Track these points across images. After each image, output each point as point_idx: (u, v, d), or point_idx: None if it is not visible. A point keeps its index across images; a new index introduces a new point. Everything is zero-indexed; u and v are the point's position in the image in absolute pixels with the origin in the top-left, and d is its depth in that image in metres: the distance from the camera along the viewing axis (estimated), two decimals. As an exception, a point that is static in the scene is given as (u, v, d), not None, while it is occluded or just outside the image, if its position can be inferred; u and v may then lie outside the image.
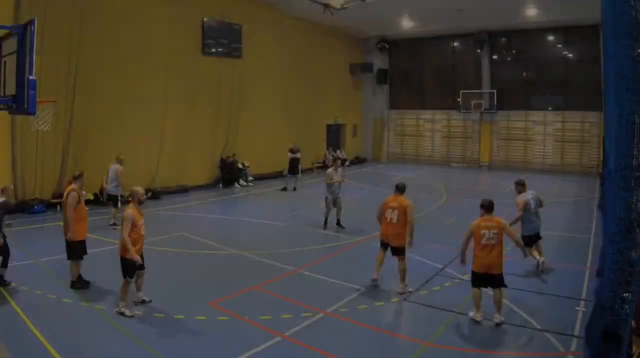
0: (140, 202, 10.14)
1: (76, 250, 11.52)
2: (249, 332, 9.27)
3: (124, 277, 9.88)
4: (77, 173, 12.32)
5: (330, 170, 18.17)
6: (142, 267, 10.15)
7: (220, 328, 9.46)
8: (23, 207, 19.39)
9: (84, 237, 11.67)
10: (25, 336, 8.77)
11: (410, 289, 11.45)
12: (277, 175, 30.32)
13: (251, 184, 28.19)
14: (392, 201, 11.79)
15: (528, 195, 13.59)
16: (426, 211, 20.58)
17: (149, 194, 22.05)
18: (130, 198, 10.34)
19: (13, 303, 10.24)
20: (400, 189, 11.97)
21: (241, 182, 27.80)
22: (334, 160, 19.03)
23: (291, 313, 10.08)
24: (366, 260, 13.81)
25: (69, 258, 11.53)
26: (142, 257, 10.09)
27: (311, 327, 9.54)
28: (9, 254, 11.58)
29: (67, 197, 11.57)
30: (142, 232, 10.13)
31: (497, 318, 9.75)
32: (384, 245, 11.95)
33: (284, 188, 26.49)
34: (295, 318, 9.81)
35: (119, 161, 18.02)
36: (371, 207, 20.78)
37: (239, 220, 19.67)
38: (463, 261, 10.23)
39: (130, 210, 9.90)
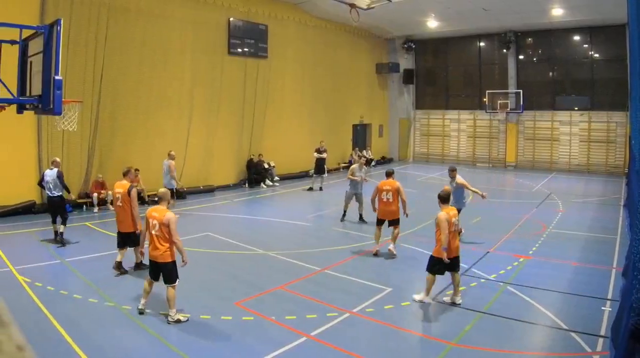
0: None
1: (136, 238, 12.23)
2: (274, 332, 9.29)
3: (174, 282, 9.63)
4: (125, 169, 13.11)
5: (355, 166, 18.82)
6: None
7: (245, 328, 9.46)
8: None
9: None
10: (51, 336, 8.82)
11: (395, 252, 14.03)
12: (303, 175, 30.43)
13: (277, 184, 28.10)
14: (386, 184, 14.39)
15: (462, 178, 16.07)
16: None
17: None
18: (160, 200, 9.96)
19: (39, 303, 10.30)
20: (390, 174, 14.77)
21: (267, 182, 27.74)
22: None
23: (317, 313, 10.08)
24: (392, 261, 13.92)
25: (133, 245, 12.50)
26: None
27: (337, 327, 9.51)
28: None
29: (128, 192, 12.22)
30: None
31: (459, 300, 10.71)
32: (381, 222, 14.51)
33: (310, 188, 26.43)
34: (321, 318, 9.82)
35: (171, 157, 19.25)
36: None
37: (264, 220, 19.59)
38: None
39: (173, 214, 9.77)
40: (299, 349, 8.62)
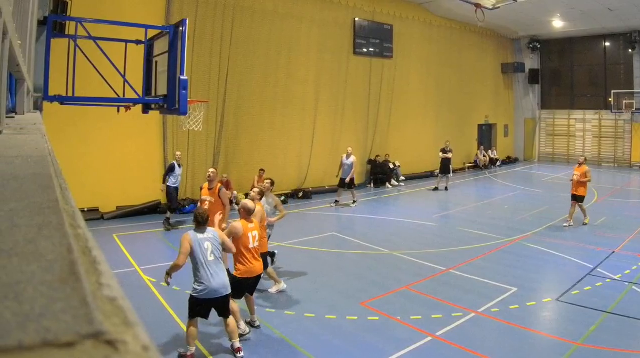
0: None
1: None
2: (399, 332, 9.15)
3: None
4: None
5: None
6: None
7: (371, 328, 9.34)
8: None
9: None
10: (177, 336, 8.76)
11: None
12: (429, 175, 30.00)
13: (402, 184, 27.69)
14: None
15: None
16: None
17: (301, 194, 22.48)
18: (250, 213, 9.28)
19: (165, 303, 10.31)
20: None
21: (393, 182, 27.39)
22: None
23: (442, 313, 9.91)
24: (518, 261, 13.70)
25: None
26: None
27: (462, 326, 9.35)
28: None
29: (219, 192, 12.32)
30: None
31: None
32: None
33: (436, 188, 26.00)
34: (446, 318, 9.63)
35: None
36: (523, 207, 20.53)
37: (390, 220, 19.22)
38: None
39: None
40: (424, 349, 8.50)
